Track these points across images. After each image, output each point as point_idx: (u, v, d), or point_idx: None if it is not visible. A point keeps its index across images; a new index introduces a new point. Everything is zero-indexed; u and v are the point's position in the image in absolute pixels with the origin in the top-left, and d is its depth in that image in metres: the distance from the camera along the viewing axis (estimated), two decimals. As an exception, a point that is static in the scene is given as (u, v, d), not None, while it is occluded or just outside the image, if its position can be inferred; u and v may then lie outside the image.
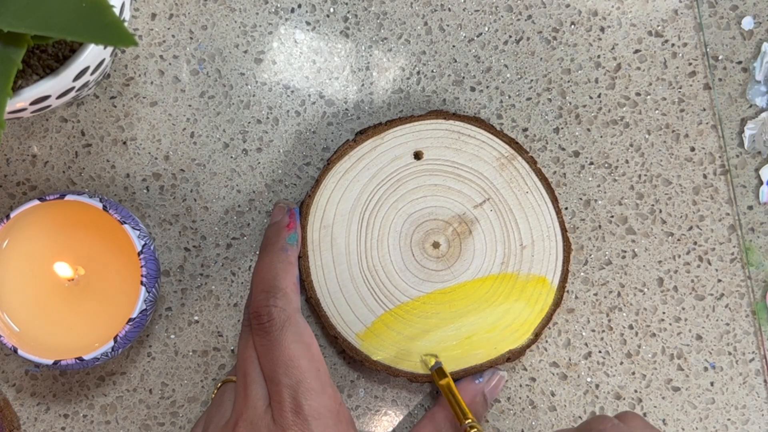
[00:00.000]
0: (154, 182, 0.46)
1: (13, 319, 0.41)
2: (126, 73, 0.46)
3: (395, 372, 0.44)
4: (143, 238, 0.40)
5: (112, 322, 0.41)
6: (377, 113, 0.46)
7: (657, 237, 0.47)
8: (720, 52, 0.47)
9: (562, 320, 0.47)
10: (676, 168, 0.47)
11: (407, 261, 0.44)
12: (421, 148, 0.44)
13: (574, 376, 0.46)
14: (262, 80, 0.46)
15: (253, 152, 0.46)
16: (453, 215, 0.44)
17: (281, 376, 0.38)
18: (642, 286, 0.47)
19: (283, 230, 0.43)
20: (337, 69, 0.46)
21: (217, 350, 0.46)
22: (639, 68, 0.47)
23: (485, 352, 0.44)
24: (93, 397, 0.46)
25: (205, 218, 0.46)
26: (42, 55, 0.37)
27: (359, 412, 0.46)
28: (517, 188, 0.44)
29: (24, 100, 0.35)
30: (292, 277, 0.41)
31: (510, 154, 0.44)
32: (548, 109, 0.47)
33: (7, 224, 0.40)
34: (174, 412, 0.46)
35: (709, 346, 0.47)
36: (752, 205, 0.47)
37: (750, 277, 0.47)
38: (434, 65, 0.47)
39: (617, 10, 0.47)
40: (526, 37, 0.47)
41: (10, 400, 0.45)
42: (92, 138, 0.46)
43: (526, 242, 0.44)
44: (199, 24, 0.46)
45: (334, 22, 0.46)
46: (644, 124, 0.47)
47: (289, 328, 0.39)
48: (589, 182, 0.47)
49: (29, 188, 0.46)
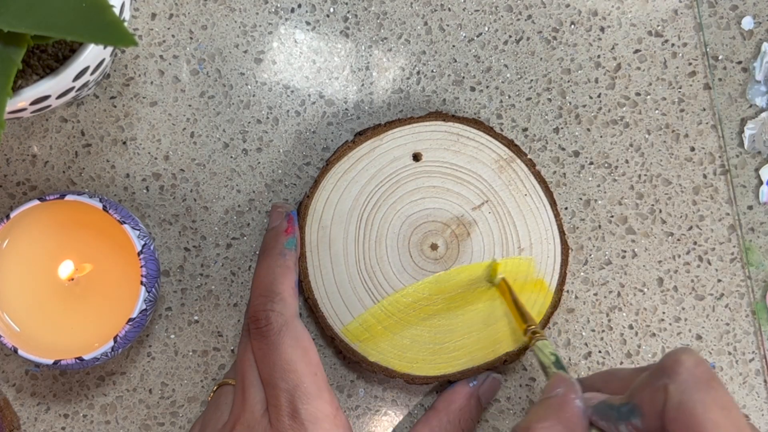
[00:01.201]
0: (154, 182, 0.46)
1: (13, 319, 0.41)
2: (126, 73, 0.46)
3: (392, 373, 0.44)
4: (143, 238, 0.41)
5: (112, 322, 0.41)
6: (377, 113, 0.46)
7: (657, 237, 0.47)
8: (720, 52, 0.47)
9: (562, 320, 0.47)
10: (676, 168, 0.47)
11: (405, 262, 0.44)
12: (420, 149, 0.44)
13: (574, 376, 0.46)
14: (262, 80, 0.46)
15: (253, 152, 0.46)
16: (451, 217, 0.44)
17: (278, 380, 0.38)
18: (642, 286, 0.47)
19: (281, 235, 0.43)
20: (337, 69, 0.46)
21: (217, 350, 0.46)
22: (639, 68, 0.47)
23: (482, 354, 0.44)
24: (93, 397, 0.46)
25: (205, 218, 0.46)
26: (42, 55, 0.37)
27: (359, 412, 0.46)
28: (516, 191, 0.44)
29: (24, 100, 0.35)
30: (291, 281, 0.41)
31: (509, 157, 0.44)
32: (548, 109, 0.47)
33: (7, 224, 0.40)
34: (174, 412, 0.46)
35: (709, 346, 0.47)
36: (752, 205, 0.47)
37: (750, 277, 0.47)
38: (434, 65, 0.47)
39: (617, 10, 0.47)
40: (526, 37, 0.47)
41: (10, 400, 0.45)
42: (92, 138, 0.46)
43: (525, 245, 0.44)
44: (199, 24, 0.46)
45: (334, 22, 0.46)
46: (644, 124, 0.47)
47: (286, 332, 0.39)
48: (589, 182, 0.47)
49: (29, 188, 0.46)
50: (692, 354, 0.32)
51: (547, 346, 0.39)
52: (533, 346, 0.40)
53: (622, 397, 0.33)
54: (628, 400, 0.33)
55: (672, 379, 0.31)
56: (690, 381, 0.31)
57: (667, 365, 0.32)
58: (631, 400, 0.32)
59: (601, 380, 0.37)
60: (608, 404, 0.33)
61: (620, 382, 0.36)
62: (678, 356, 0.32)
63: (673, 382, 0.31)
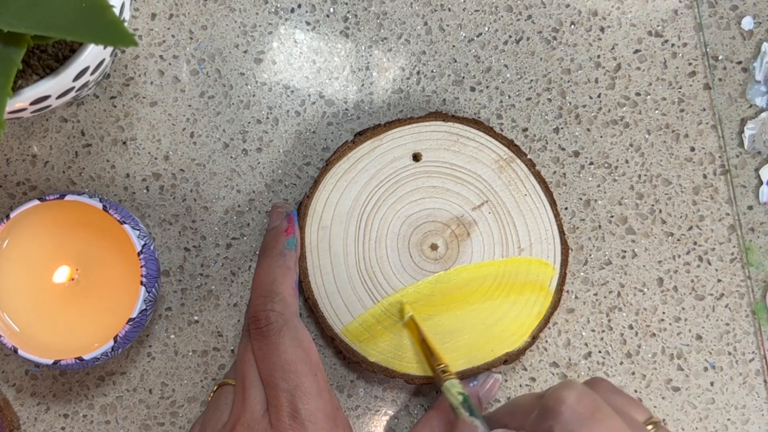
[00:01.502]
0: (154, 182, 0.46)
1: (13, 319, 0.41)
2: (126, 73, 0.46)
3: (392, 373, 0.44)
4: (143, 238, 0.41)
5: (111, 322, 0.41)
6: (377, 113, 0.46)
7: (657, 237, 0.47)
8: (720, 52, 0.47)
9: (562, 320, 0.47)
10: (676, 168, 0.47)
11: (405, 263, 0.44)
12: (419, 149, 0.44)
13: (573, 376, 0.46)
14: (262, 80, 0.46)
15: (253, 152, 0.46)
16: (451, 217, 0.44)
17: (279, 380, 0.38)
18: (642, 286, 0.47)
19: (281, 235, 0.43)
20: (337, 69, 0.46)
21: (216, 350, 0.46)
22: (639, 68, 0.47)
23: (482, 354, 0.44)
24: (93, 397, 0.46)
25: (205, 218, 0.46)
26: (42, 55, 0.37)
27: (359, 412, 0.46)
28: (516, 191, 0.44)
29: (24, 100, 0.35)
30: (291, 281, 0.41)
31: (509, 157, 0.44)
32: (548, 109, 0.47)
33: (7, 224, 0.40)
34: (174, 412, 0.46)
35: (709, 346, 0.47)
36: (752, 205, 0.47)
37: (750, 277, 0.47)
38: (434, 65, 0.47)
39: (617, 10, 0.47)
40: (526, 37, 0.47)
41: (10, 400, 0.45)
42: (92, 138, 0.46)
43: (524, 245, 0.44)
44: (199, 24, 0.46)
45: (334, 22, 0.46)
46: (644, 124, 0.47)
47: (286, 332, 0.39)
48: (589, 182, 0.47)
49: (29, 188, 0.46)
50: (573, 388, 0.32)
51: (455, 386, 0.39)
52: (442, 385, 0.40)
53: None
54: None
55: (556, 421, 0.31)
56: (573, 419, 0.31)
57: (549, 406, 0.32)
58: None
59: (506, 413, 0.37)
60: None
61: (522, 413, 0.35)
62: (559, 394, 0.32)
63: (557, 424, 0.31)
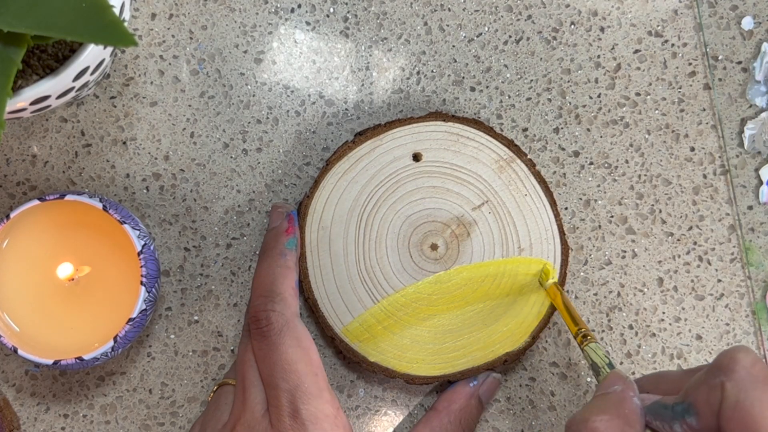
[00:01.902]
0: (154, 182, 0.46)
1: (13, 319, 0.41)
2: (126, 73, 0.46)
3: (392, 373, 0.44)
4: (143, 238, 0.41)
5: (112, 322, 0.41)
6: (377, 113, 0.46)
7: (657, 237, 0.47)
8: (720, 52, 0.47)
9: (563, 320, 0.47)
10: (676, 168, 0.47)
11: (405, 263, 0.44)
12: (420, 149, 0.44)
13: (573, 376, 0.46)
14: (262, 80, 0.46)
15: (253, 152, 0.46)
16: (451, 217, 0.44)
17: (279, 380, 0.38)
18: (642, 286, 0.47)
19: (282, 235, 0.43)
20: (337, 69, 0.46)
21: (217, 350, 0.46)
22: (639, 68, 0.47)
23: (482, 354, 0.44)
24: (93, 397, 0.46)
25: (205, 218, 0.46)
26: (42, 55, 0.37)
27: (359, 412, 0.46)
28: (516, 191, 0.44)
29: (24, 100, 0.35)
30: (291, 281, 0.41)
31: (509, 157, 0.44)
32: (548, 109, 0.47)
33: (7, 224, 0.40)
34: (174, 412, 0.46)
35: (709, 346, 0.47)
36: (752, 205, 0.47)
37: (750, 277, 0.47)
38: (434, 65, 0.47)
39: (617, 10, 0.47)
40: (526, 37, 0.47)
41: (10, 400, 0.45)
42: (92, 138, 0.46)
43: (524, 245, 0.44)
44: (199, 24, 0.46)
45: (334, 22, 0.46)
46: (644, 124, 0.47)
47: (287, 332, 0.39)
48: (589, 182, 0.47)
49: (29, 188, 0.46)
50: (749, 352, 0.31)
51: (599, 348, 0.39)
52: (585, 348, 0.40)
53: (676, 397, 0.33)
54: (683, 399, 0.32)
55: (729, 377, 0.31)
56: (747, 379, 0.30)
57: (723, 363, 0.31)
58: (686, 399, 0.32)
59: (650, 383, 0.37)
60: (662, 404, 0.33)
61: (670, 384, 0.35)
62: (734, 354, 0.31)
63: (730, 380, 0.30)
